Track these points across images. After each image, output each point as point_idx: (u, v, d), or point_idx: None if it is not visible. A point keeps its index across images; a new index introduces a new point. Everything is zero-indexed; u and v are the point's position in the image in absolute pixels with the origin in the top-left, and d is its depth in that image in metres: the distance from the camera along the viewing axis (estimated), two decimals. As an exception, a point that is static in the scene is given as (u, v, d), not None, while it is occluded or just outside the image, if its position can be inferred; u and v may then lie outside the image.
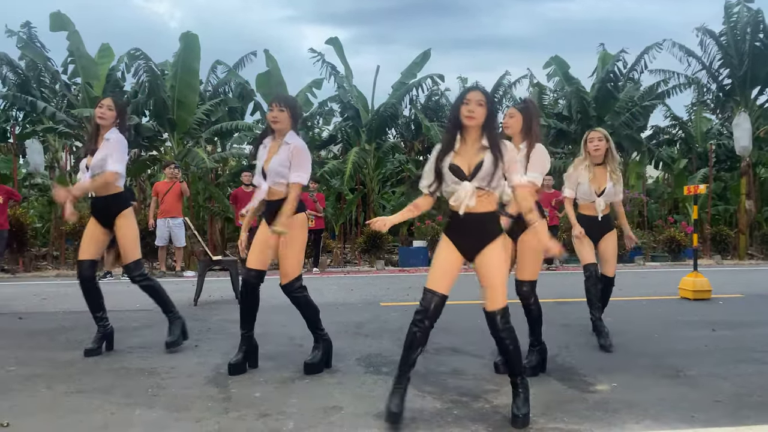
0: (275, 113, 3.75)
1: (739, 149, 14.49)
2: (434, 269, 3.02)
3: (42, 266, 12.21)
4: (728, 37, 14.55)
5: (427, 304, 2.93)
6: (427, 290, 2.96)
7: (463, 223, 2.94)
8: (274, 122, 3.76)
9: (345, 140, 16.85)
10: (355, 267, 12.63)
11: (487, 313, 2.98)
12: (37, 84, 13.77)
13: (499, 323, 2.96)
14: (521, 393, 2.96)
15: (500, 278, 2.96)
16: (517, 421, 2.87)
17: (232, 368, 3.77)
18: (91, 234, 4.31)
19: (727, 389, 3.47)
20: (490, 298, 2.97)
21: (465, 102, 2.91)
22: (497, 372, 3.82)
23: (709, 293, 6.98)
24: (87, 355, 4.22)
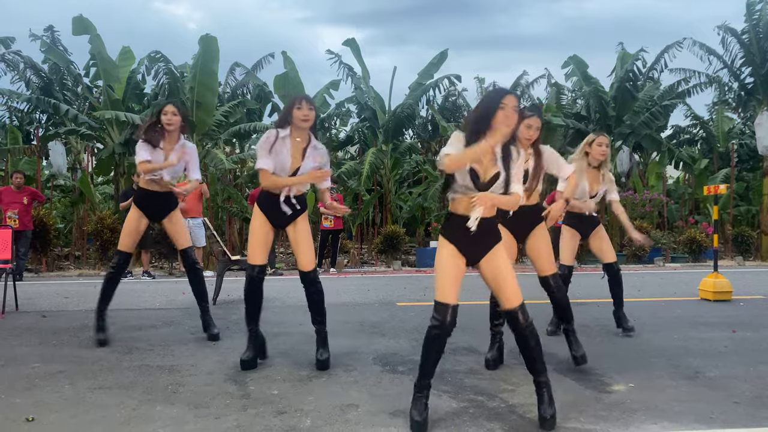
0: (306, 111, 3.78)
1: (762, 149, 14.26)
2: (442, 279, 2.91)
3: (64, 266, 12.44)
4: (750, 35, 14.32)
5: (442, 318, 2.86)
6: (439, 304, 2.88)
7: (469, 228, 2.87)
8: (306, 120, 3.79)
9: (362, 141, 16.90)
10: (372, 267, 12.66)
11: (508, 311, 2.94)
12: (59, 87, 14.02)
13: (521, 319, 2.92)
14: (545, 393, 2.91)
15: (512, 275, 2.95)
16: (546, 423, 2.83)
17: (244, 364, 3.87)
18: (136, 227, 4.67)
19: (747, 391, 3.44)
20: (508, 296, 2.93)
21: (501, 106, 2.81)
22: (487, 368, 3.89)
23: (730, 294, 6.89)
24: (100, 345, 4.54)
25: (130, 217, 4.68)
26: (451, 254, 2.92)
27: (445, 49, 15.67)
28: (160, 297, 7.35)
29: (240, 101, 15.18)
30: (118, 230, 11.33)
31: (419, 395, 2.91)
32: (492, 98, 2.88)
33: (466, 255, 2.93)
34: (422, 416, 2.83)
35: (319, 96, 16.23)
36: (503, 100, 2.81)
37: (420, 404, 2.88)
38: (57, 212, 16.50)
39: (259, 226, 3.93)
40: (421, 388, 2.92)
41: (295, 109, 3.79)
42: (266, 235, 3.95)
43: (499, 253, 2.96)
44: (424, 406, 2.88)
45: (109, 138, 13.44)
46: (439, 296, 2.89)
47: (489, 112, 2.83)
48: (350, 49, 15.25)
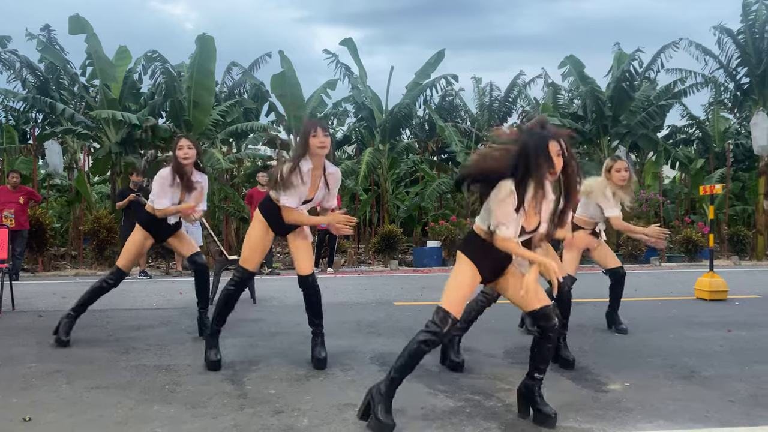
0: (322, 138, 3.63)
1: (758, 149, 14.32)
2: (456, 293, 2.90)
3: (61, 266, 12.41)
4: (746, 35, 14.37)
5: (442, 326, 2.85)
6: (445, 312, 2.86)
7: (492, 248, 2.87)
8: (323, 147, 3.65)
9: (359, 141, 16.90)
10: (369, 267, 12.67)
11: (539, 309, 2.90)
12: (56, 86, 13.99)
13: (553, 317, 2.89)
14: (540, 392, 2.95)
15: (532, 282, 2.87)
16: (550, 421, 2.85)
17: (213, 365, 3.85)
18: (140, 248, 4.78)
19: (742, 390, 3.46)
20: (533, 302, 2.90)
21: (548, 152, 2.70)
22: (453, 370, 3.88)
23: (726, 294, 6.92)
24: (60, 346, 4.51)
25: (135, 238, 4.71)
26: (470, 273, 2.92)
27: (442, 49, 15.68)
28: (156, 297, 7.35)
29: (237, 101, 15.16)
30: (114, 230, 11.37)
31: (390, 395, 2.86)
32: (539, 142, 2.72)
33: (483, 274, 2.95)
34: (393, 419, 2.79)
35: (316, 95, 16.23)
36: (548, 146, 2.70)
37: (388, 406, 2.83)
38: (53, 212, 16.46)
39: (260, 233, 3.90)
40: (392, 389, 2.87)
41: (311, 137, 3.64)
42: (265, 243, 3.95)
43: (512, 270, 3.00)
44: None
45: (106, 137, 13.41)
46: (447, 305, 2.88)
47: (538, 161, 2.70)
48: (347, 48, 15.24)
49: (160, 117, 14.38)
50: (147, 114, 13.51)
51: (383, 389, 2.86)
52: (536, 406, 2.91)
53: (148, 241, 4.76)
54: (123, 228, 10.19)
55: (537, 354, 2.96)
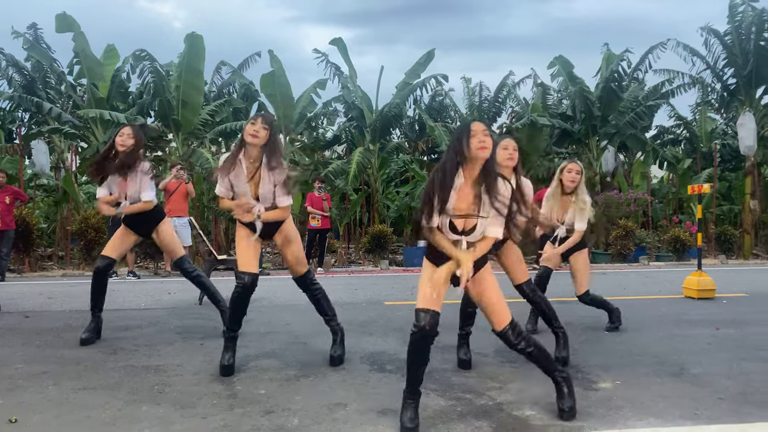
0: (257, 127, 3.63)
1: (744, 149, 14.46)
2: (424, 288, 2.90)
3: (48, 266, 12.28)
4: (733, 36, 14.51)
5: (423, 323, 2.82)
6: (419, 311, 2.85)
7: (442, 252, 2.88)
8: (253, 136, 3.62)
9: (349, 140, 16.87)
10: (359, 267, 12.65)
11: (499, 332, 2.99)
12: (42, 85, 13.84)
13: (512, 338, 2.97)
14: (564, 386, 2.99)
15: (500, 295, 3.01)
16: (564, 415, 2.93)
17: (226, 369, 3.75)
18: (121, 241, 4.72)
19: (731, 387, 3.48)
20: (497, 318, 2.98)
21: (472, 134, 2.78)
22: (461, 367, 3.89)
23: (713, 292, 6.98)
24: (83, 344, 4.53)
25: (119, 230, 4.76)
26: (430, 270, 2.95)
27: (432, 49, 15.68)
28: (145, 297, 7.29)
29: (226, 100, 15.10)
30: (102, 230, 11.26)
31: (410, 400, 2.87)
32: (459, 131, 2.88)
33: (452, 279, 2.93)
34: (413, 423, 2.80)
35: (305, 95, 16.18)
36: (471, 127, 2.81)
37: (410, 410, 2.84)
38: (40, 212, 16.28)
39: (245, 236, 3.86)
40: (412, 395, 2.88)
41: (247, 125, 3.66)
42: (255, 245, 3.89)
43: (488, 274, 3.00)
44: (415, 412, 2.84)
45: (94, 137, 13.29)
46: (419, 303, 2.87)
47: (461, 144, 2.81)
48: (337, 48, 15.21)
49: (149, 116, 14.28)
50: (135, 113, 13.41)
51: (404, 392, 2.90)
52: (558, 400, 3.00)
53: (131, 235, 4.74)
54: (111, 228, 10.09)
55: (536, 365, 3.06)
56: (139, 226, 4.75)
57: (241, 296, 3.77)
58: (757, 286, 8.26)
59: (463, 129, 2.86)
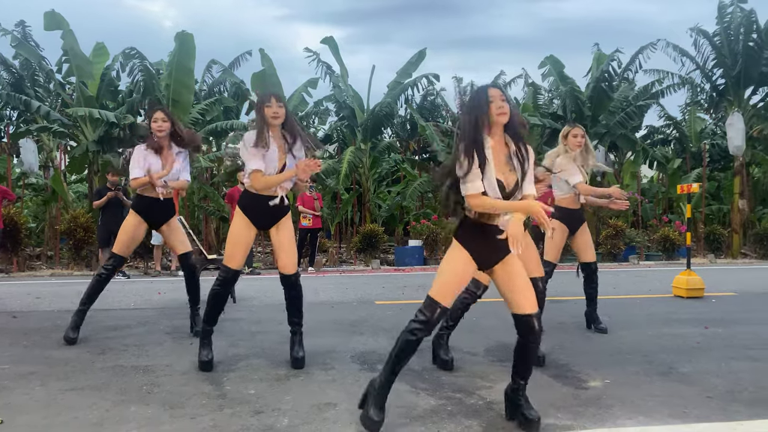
0: (275, 109, 3.73)
1: (733, 149, 14.56)
2: (447, 281, 2.81)
3: (36, 266, 12.18)
4: (722, 37, 14.61)
5: (430, 315, 2.77)
6: (434, 301, 2.78)
7: (487, 234, 2.80)
8: (275, 117, 3.74)
9: (340, 140, 16.84)
10: (350, 266, 12.63)
11: (524, 316, 2.79)
12: (31, 83, 13.71)
13: (536, 326, 2.80)
14: (525, 395, 2.89)
15: (527, 280, 2.86)
16: (534, 425, 2.78)
17: (205, 365, 3.79)
18: (133, 234, 4.69)
19: (719, 385, 3.50)
20: (524, 300, 2.80)
21: (490, 100, 2.73)
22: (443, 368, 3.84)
23: (702, 291, 7.02)
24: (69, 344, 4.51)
25: (129, 222, 4.71)
26: (462, 260, 2.83)
27: (423, 48, 15.68)
28: (135, 297, 7.24)
29: (217, 99, 15.02)
30: (92, 229, 11.19)
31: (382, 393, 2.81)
32: (477, 95, 2.79)
33: (479, 261, 2.84)
34: (380, 417, 2.75)
35: (297, 94, 16.13)
36: (489, 93, 2.75)
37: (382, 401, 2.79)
38: (28, 211, 16.16)
39: (242, 230, 3.86)
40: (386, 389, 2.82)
41: (265, 108, 3.74)
42: (248, 239, 3.90)
43: (513, 259, 2.86)
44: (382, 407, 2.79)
45: (83, 135, 13.19)
46: (436, 295, 2.80)
47: (478, 110, 2.74)
48: (328, 47, 15.18)
49: (139, 115, 14.18)
50: (125, 112, 13.30)
51: (377, 383, 2.82)
52: (521, 410, 2.85)
53: (142, 225, 4.73)
54: (100, 227, 10.02)
55: (518, 360, 2.90)
56: (155, 215, 4.74)
57: (219, 291, 3.85)
58: (746, 286, 8.32)
59: (480, 95, 2.76)
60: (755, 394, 3.34)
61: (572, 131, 4.84)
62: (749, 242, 15.20)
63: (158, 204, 4.70)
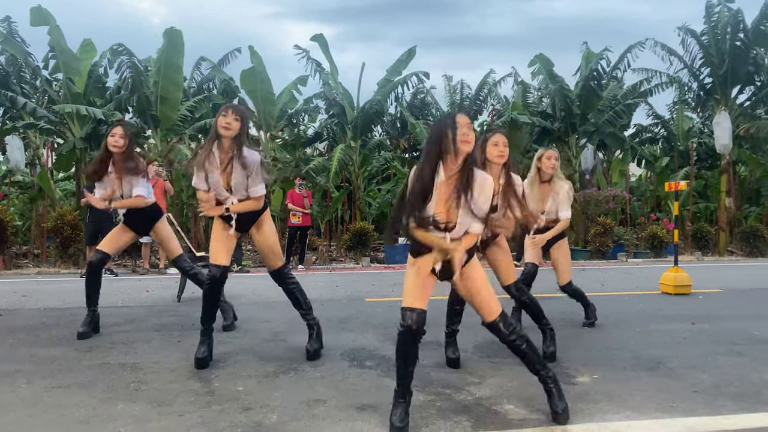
0: (229, 119, 3.64)
1: (720, 147, 14.69)
2: (410, 288, 2.84)
3: (23, 264, 12.05)
4: (709, 36, 14.73)
5: (410, 322, 2.77)
6: (406, 309, 2.80)
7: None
8: (226, 128, 3.64)
9: (330, 137, 16.81)
10: (340, 264, 12.61)
11: (489, 324, 2.92)
12: (17, 79, 13.57)
13: (503, 329, 2.89)
14: (552, 387, 2.90)
15: (488, 288, 2.93)
16: (558, 417, 2.83)
17: (200, 362, 3.78)
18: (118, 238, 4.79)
19: (706, 380, 3.53)
20: (487, 309, 2.90)
21: (456, 126, 2.68)
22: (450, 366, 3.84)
23: (689, 288, 7.08)
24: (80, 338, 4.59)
25: (115, 228, 4.81)
26: (421, 271, 2.86)
27: (413, 46, 15.69)
28: (122, 294, 7.19)
29: (206, 96, 14.95)
30: (79, 227, 11.09)
31: (401, 400, 2.81)
32: (444, 123, 2.75)
33: (438, 273, 2.87)
34: (404, 422, 2.75)
35: (286, 91, 16.09)
36: (457, 120, 2.72)
37: (400, 409, 2.78)
38: (15, 209, 16.01)
39: (221, 230, 3.87)
40: (403, 394, 2.82)
41: (218, 117, 3.67)
42: (228, 240, 3.89)
43: (475, 265, 2.91)
44: (405, 411, 2.79)
45: (70, 132, 13.08)
46: (405, 302, 2.82)
47: (446, 137, 2.69)
48: (318, 44, 15.15)
49: (127, 112, 14.09)
50: (113, 109, 13.21)
51: (395, 391, 2.84)
52: (548, 401, 2.91)
53: (127, 233, 4.82)
54: (87, 225, 9.94)
55: (522, 360, 2.98)
56: (137, 224, 4.82)
57: (210, 289, 3.84)
58: (732, 282, 8.40)
59: (447, 121, 2.74)
60: (741, 388, 3.37)
61: (546, 153, 4.66)
62: (736, 240, 15.35)
63: (140, 213, 4.74)
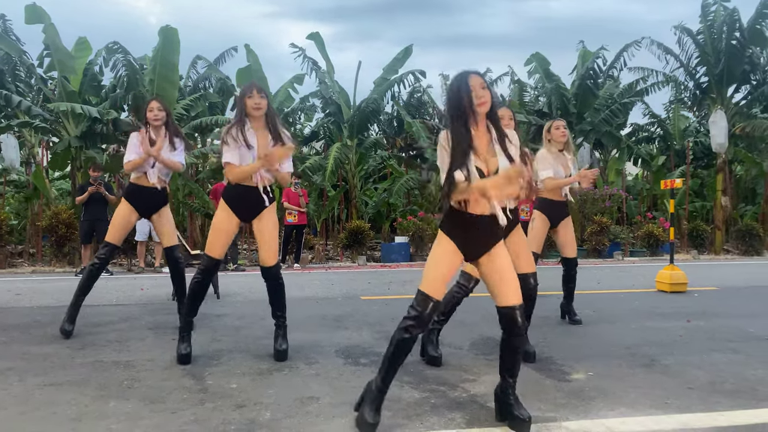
0: (257, 100, 3.74)
1: (716, 146, 14.72)
2: (435, 274, 2.76)
3: (18, 263, 12.01)
4: (705, 35, 14.75)
5: (422, 309, 2.71)
6: (424, 294, 2.72)
7: (474, 224, 2.74)
8: (257, 108, 3.74)
9: (327, 136, 16.79)
10: (336, 263, 12.60)
11: (507, 308, 2.73)
12: (12, 78, 13.51)
13: (519, 319, 2.74)
14: (514, 394, 2.80)
15: (514, 274, 2.81)
16: (525, 425, 2.69)
17: (183, 358, 3.79)
18: (125, 222, 4.69)
19: (701, 377, 3.53)
20: (508, 292, 2.75)
21: (470, 90, 2.68)
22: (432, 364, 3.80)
23: (685, 286, 7.09)
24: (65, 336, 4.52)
25: (120, 211, 4.70)
26: (449, 251, 2.77)
27: (409, 45, 15.67)
28: (117, 293, 7.16)
29: (202, 94, 14.90)
30: (74, 225, 11.05)
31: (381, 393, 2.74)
32: (458, 86, 2.74)
33: (465, 252, 2.80)
34: (375, 420, 2.67)
35: (283, 90, 16.06)
36: (469, 83, 2.71)
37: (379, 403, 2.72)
38: (10, 208, 15.94)
39: (223, 220, 3.85)
40: (384, 388, 2.75)
41: (246, 99, 3.77)
42: (229, 230, 3.87)
43: (500, 250, 2.81)
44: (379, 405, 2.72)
45: (65, 131, 13.02)
46: (427, 288, 2.74)
47: (459, 100, 2.71)
48: (314, 43, 15.12)
49: (122, 110, 14.02)
50: (108, 107, 13.15)
51: (374, 385, 2.75)
52: (511, 410, 2.78)
53: (134, 215, 4.72)
54: (82, 223, 9.90)
55: (504, 357, 2.83)
56: (147, 204, 4.73)
57: (199, 282, 3.83)
58: (728, 280, 8.41)
59: (462, 86, 2.71)
60: (735, 385, 3.37)
61: (554, 123, 4.93)
62: (731, 239, 15.39)
63: (150, 192, 4.69)
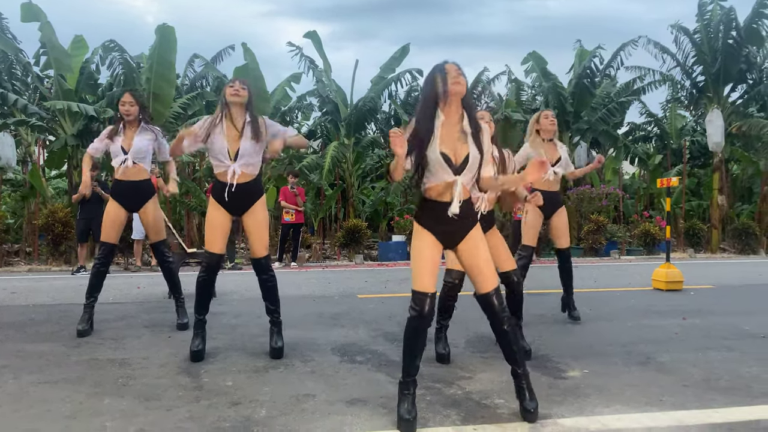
0: (237, 88, 3.80)
1: (712, 145, 14.73)
2: (420, 269, 2.79)
3: (14, 262, 11.98)
4: (702, 34, 14.76)
5: (421, 308, 2.75)
6: (418, 293, 2.76)
7: (444, 212, 2.77)
8: (235, 95, 3.79)
9: (324, 135, 16.77)
10: (333, 261, 12.59)
11: (483, 295, 2.84)
12: (8, 76, 13.47)
13: (496, 303, 2.82)
14: (524, 385, 2.83)
15: (488, 258, 2.87)
16: (529, 416, 2.76)
17: (195, 355, 3.81)
18: (114, 219, 4.66)
19: (696, 374, 3.53)
20: (483, 279, 2.83)
21: (446, 72, 2.79)
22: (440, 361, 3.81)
23: (681, 284, 7.10)
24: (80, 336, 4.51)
25: (108, 209, 4.70)
26: (428, 243, 2.81)
27: (407, 44, 15.66)
28: (114, 291, 7.14)
29: (199, 93, 14.86)
30: (70, 224, 11.02)
31: (406, 392, 2.77)
32: (433, 71, 2.85)
33: (443, 241, 2.84)
34: (411, 414, 2.70)
35: (280, 89, 16.03)
36: (445, 67, 2.82)
37: (407, 402, 2.74)
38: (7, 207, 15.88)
39: (216, 217, 3.87)
40: (408, 386, 2.79)
41: (226, 87, 3.83)
42: (223, 225, 3.89)
43: (476, 236, 2.86)
44: (412, 403, 2.74)
45: (62, 129, 12.99)
46: (417, 286, 2.77)
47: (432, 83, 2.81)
48: (312, 41, 15.10)
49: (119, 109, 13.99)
50: (105, 106, 13.11)
51: (400, 383, 2.81)
52: (520, 398, 2.84)
53: (121, 211, 4.69)
54: (79, 222, 9.88)
55: (502, 348, 2.90)
56: (131, 200, 4.70)
57: (205, 279, 3.85)
58: (723, 279, 8.43)
59: (436, 68, 2.83)
60: (730, 382, 3.38)
61: (543, 113, 4.96)
62: (728, 237, 15.41)
63: (133, 187, 4.68)
